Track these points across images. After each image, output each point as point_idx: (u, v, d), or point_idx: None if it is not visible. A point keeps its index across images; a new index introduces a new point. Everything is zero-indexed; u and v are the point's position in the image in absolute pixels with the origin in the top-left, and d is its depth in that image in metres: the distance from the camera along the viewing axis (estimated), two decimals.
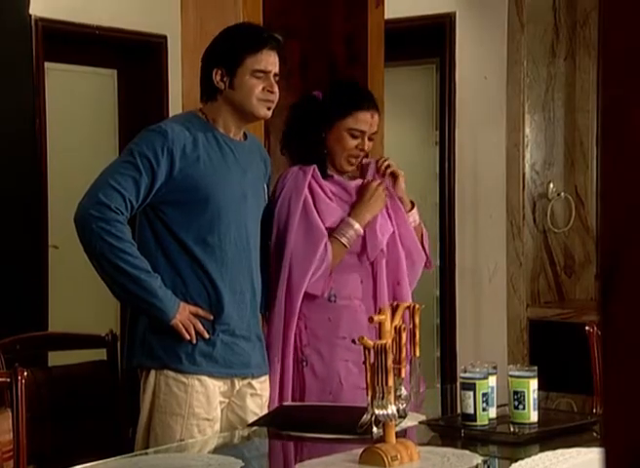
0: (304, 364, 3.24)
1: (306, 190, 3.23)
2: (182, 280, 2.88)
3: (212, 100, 2.98)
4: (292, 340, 3.20)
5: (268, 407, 3.06)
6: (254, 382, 3.00)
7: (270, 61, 2.97)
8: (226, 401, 2.96)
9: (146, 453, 2.63)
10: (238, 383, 2.97)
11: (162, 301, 2.81)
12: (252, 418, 2.95)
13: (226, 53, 2.95)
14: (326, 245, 3.19)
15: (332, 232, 3.22)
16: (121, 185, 2.79)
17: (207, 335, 2.87)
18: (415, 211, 3.45)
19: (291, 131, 3.35)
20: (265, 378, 3.06)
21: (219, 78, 2.95)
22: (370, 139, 3.30)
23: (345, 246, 3.21)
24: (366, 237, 3.27)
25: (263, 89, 2.95)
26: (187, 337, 2.84)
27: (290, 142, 3.36)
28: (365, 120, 3.27)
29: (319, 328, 3.24)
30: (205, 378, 2.88)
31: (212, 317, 2.89)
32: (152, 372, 2.88)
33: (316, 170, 3.26)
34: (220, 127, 2.98)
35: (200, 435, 2.85)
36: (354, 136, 3.26)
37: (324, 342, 3.24)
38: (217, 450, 2.65)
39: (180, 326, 2.83)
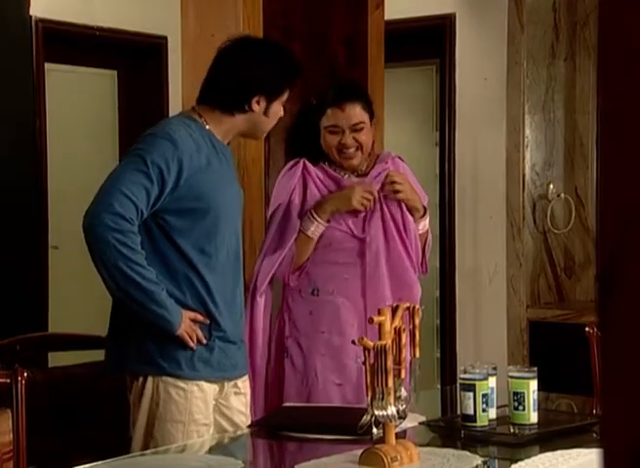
0: (285, 355, 3.31)
1: (295, 184, 3.32)
2: (180, 288, 2.86)
3: (225, 113, 2.94)
4: (259, 323, 3.32)
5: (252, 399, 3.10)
6: (238, 382, 3.01)
7: None
8: (214, 403, 2.95)
9: (145, 454, 2.62)
10: (227, 385, 2.97)
11: (170, 312, 2.80)
12: (238, 417, 2.96)
13: (275, 84, 2.96)
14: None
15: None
16: (134, 195, 2.75)
17: (205, 341, 2.87)
18: (426, 217, 3.48)
19: (291, 136, 3.46)
20: (247, 377, 3.07)
21: (256, 103, 2.94)
22: (355, 131, 3.32)
23: (309, 236, 3.31)
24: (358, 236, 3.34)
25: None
26: (192, 345, 2.84)
27: (292, 145, 3.45)
28: (336, 116, 3.32)
29: (300, 320, 3.31)
30: (202, 383, 2.87)
31: (208, 321, 2.88)
32: (150, 379, 2.85)
33: (306, 161, 3.33)
34: (219, 133, 2.95)
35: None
36: (333, 133, 3.31)
37: (304, 335, 3.31)
38: (217, 451, 2.65)
39: (186, 335, 2.82)
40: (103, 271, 2.78)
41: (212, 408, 2.91)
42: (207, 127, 2.94)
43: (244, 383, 3.04)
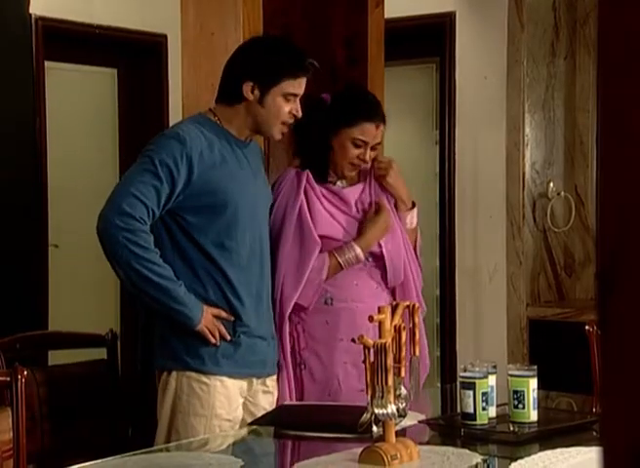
0: (303, 367, 3.26)
1: (302, 196, 3.25)
2: (202, 284, 2.91)
3: (231, 105, 2.97)
4: (287, 345, 3.22)
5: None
6: (267, 380, 3.05)
7: (303, 86, 2.98)
8: (242, 400, 2.99)
9: (146, 453, 2.62)
10: (255, 382, 3.01)
11: (189, 308, 2.85)
12: None
13: (265, 70, 2.93)
14: (319, 256, 3.21)
15: (333, 249, 3.23)
16: (144, 195, 2.80)
17: (229, 338, 2.91)
18: (414, 211, 3.45)
19: (297, 132, 3.34)
20: (275, 376, 3.11)
21: (249, 90, 2.93)
22: (373, 149, 3.31)
23: (342, 266, 3.23)
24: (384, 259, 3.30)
25: (289, 111, 2.97)
26: (213, 341, 2.88)
27: (298, 144, 3.37)
28: (370, 132, 3.28)
29: (317, 331, 3.26)
30: (225, 379, 2.92)
31: (232, 318, 2.92)
32: (173, 374, 2.91)
33: (309, 175, 3.28)
34: (234, 129, 2.99)
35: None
36: (357, 146, 3.27)
37: (322, 345, 3.26)
38: (217, 450, 2.65)
39: (206, 330, 2.87)
40: (119, 271, 2.84)
41: (237, 404, 2.95)
42: (222, 124, 2.97)
43: (273, 382, 3.08)
